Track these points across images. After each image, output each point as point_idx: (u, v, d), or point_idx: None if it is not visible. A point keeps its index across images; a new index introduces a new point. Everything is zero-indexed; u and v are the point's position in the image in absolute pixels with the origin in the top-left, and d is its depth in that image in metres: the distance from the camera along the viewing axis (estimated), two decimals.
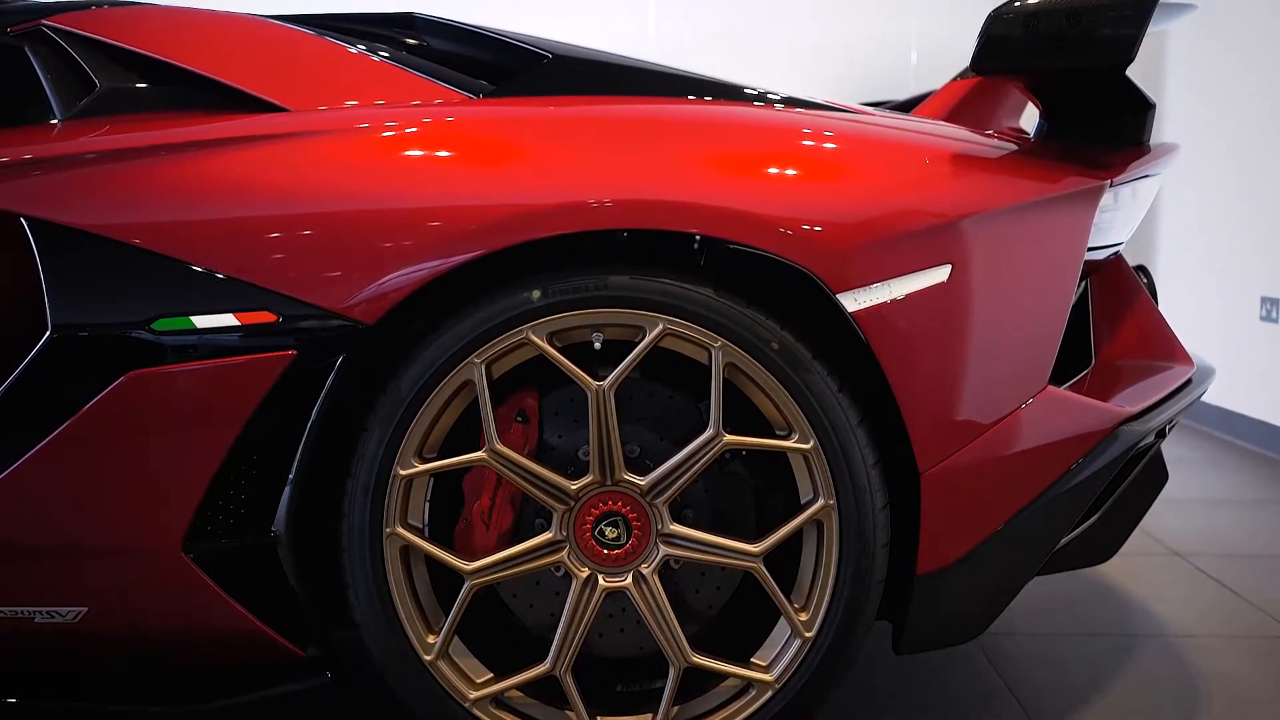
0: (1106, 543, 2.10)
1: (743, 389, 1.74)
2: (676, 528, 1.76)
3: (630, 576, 1.76)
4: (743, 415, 1.75)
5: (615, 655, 1.87)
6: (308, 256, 1.66)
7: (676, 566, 1.83)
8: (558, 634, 1.76)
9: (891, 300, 1.67)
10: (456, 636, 1.79)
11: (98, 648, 1.80)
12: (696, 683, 1.82)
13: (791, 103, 1.92)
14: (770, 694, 1.77)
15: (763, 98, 1.93)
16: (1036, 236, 1.79)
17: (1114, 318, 2.23)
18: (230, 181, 1.70)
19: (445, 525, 1.83)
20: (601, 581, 1.76)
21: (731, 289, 1.71)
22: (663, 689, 1.77)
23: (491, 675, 1.81)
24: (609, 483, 1.75)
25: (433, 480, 1.79)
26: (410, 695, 1.78)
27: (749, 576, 1.80)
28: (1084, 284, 2.19)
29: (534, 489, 1.75)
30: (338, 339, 1.67)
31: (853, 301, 1.66)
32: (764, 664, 1.79)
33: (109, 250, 1.67)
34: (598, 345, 1.74)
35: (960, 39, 3.27)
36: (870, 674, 2.32)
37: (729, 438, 1.71)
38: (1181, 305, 5.40)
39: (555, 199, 1.65)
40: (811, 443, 1.71)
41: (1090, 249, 1.91)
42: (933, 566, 1.76)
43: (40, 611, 1.75)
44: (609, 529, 1.76)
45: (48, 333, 1.67)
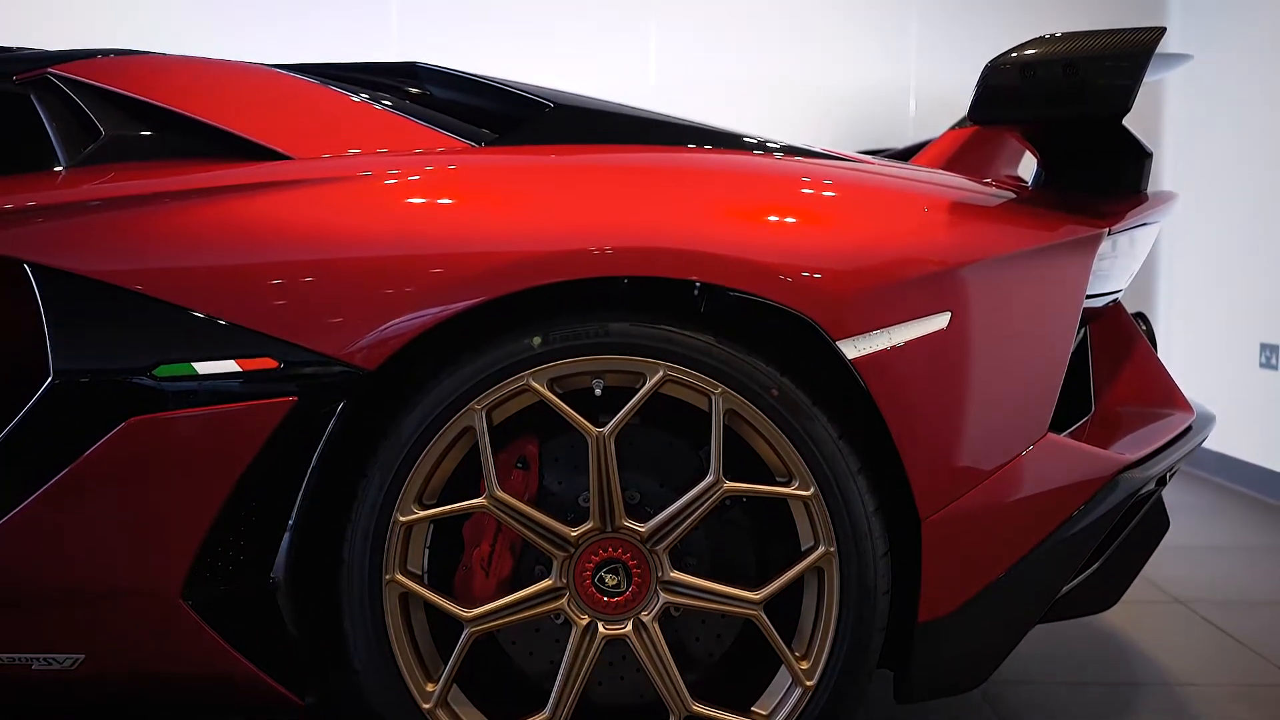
0: (1108, 590, 2.09)
1: (743, 435, 1.74)
2: (677, 575, 1.75)
3: (630, 624, 1.76)
4: (743, 462, 1.75)
5: (615, 703, 1.86)
6: (310, 303, 1.67)
7: (677, 614, 1.82)
8: (557, 682, 1.75)
9: (891, 347, 1.68)
10: (455, 685, 1.77)
11: (95, 694, 1.79)
12: None
13: (791, 151, 1.93)
14: None
15: (762, 146, 1.95)
16: (1036, 284, 1.80)
17: (1113, 365, 2.23)
18: (233, 228, 1.72)
19: (445, 571, 1.82)
20: (601, 629, 1.75)
21: (732, 336, 1.71)
22: None
23: None
24: (609, 529, 1.74)
25: (432, 526, 1.79)
26: None
27: (750, 624, 1.79)
28: (1083, 331, 2.19)
29: (534, 536, 1.74)
30: (339, 385, 1.67)
31: (853, 348, 1.67)
32: (765, 713, 1.78)
33: (112, 296, 1.68)
34: (598, 392, 1.74)
35: (959, 88, 3.30)
36: None
37: (729, 484, 1.71)
38: (1181, 352, 5.41)
39: (556, 246, 1.66)
40: (812, 489, 1.71)
41: (1089, 296, 1.91)
42: (934, 614, 1.75)
43: (38, 658, 1.74)
44: (609, 576, 1.75)
45: (50, 378, 1.67)
